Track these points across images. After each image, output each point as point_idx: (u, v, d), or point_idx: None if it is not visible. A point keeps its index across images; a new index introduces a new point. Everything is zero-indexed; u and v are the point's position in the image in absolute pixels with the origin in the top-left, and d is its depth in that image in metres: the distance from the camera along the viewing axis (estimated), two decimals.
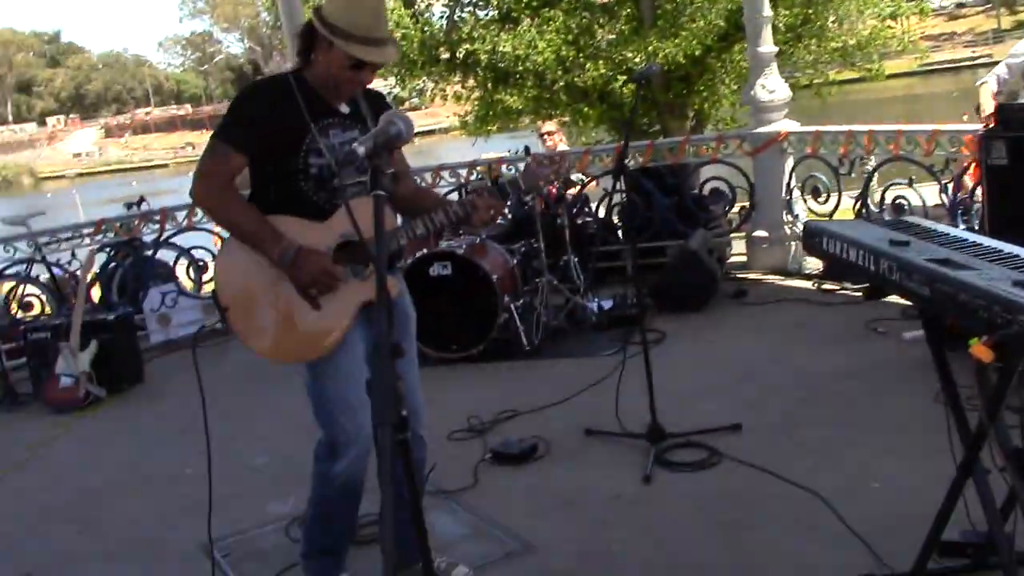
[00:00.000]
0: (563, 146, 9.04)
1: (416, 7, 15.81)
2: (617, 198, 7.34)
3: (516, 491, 4.10)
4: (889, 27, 17.04)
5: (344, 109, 3.04)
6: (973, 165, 5.72)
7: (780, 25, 14.15)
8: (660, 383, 4.32)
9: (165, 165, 65.63)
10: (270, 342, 2.97)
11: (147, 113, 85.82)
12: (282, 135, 2.92)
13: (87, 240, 7.40)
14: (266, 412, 5.37)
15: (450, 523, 3.88)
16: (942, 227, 2.91)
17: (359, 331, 2.99)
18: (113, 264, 7.69)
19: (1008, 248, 2.60)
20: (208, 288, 7.92)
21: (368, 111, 3.06)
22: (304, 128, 2.94)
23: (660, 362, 4.35)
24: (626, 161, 4.21)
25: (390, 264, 3.06)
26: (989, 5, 54.35)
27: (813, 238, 2.94)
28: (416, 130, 2.47)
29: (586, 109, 16.11)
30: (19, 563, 3.96)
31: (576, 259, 6.52)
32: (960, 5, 54.79)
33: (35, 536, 4.27)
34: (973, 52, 50.51)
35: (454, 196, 7.39)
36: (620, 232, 7.59)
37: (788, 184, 7.00)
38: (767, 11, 6.89)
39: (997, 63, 6.80)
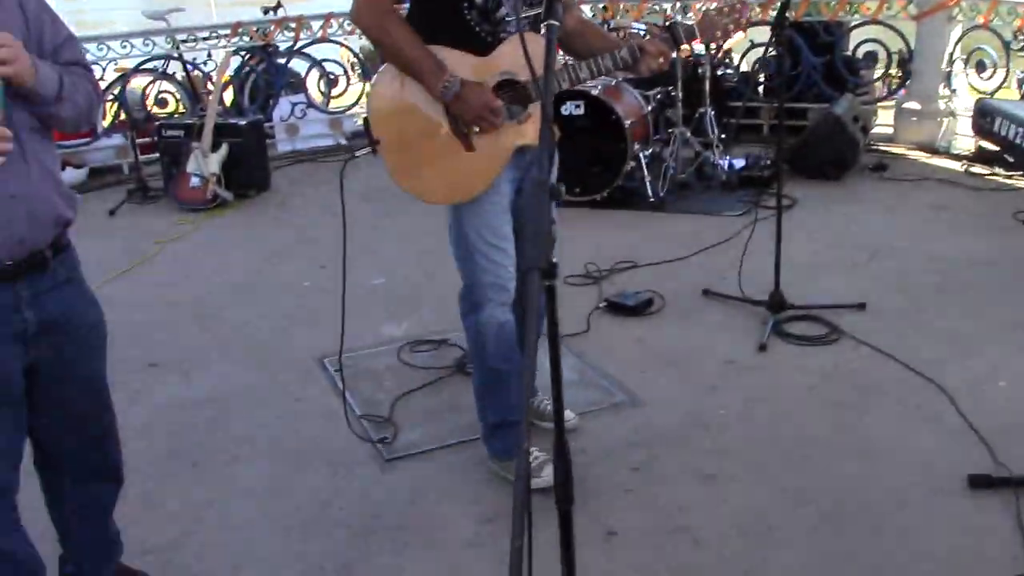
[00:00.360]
0: None
1: None
2: (762, 52, 7.00)
3: (627, 343, 4.07)
4: None
5: None
6: None
7: None
8: (786, 252, 4.16)
9: None
10: (420, 180, 2.83)
11: None
12: None
13: (223, 41, 7.42)
14: (386, 234, 5.41)
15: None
16: None
17: (507, 175, 2.86)
18: (246, 69, 7.73)
19: None
20: (336, 103, 7.93)
21: None
22: None
23: (788, 230, 4.18)
24: (788, 14, 3.93)
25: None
26: None
27: (984, 117, 2.72)
28: None
29: None
30: (147, 353, 4.14)
31: (713, 112, 6.26)
32: None
33: (161, 329, 4.44)
34: None
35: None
36: (761, 88, 7.25)
37: (951, 54, 6.53)
38: None
39: None
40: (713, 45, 7.05)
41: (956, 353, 3.81)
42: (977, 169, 6.03)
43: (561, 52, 3.06)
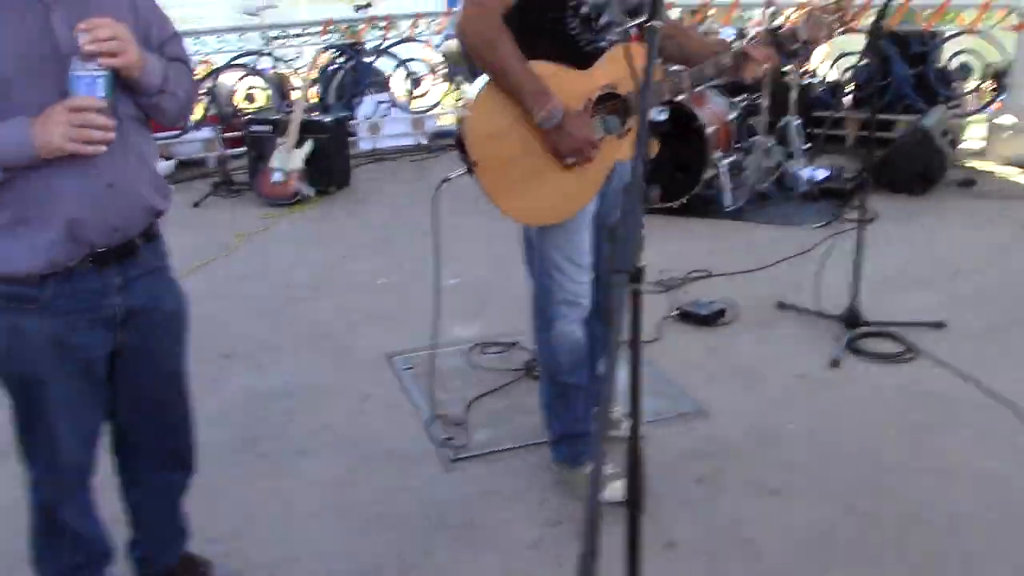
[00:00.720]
0: None
1: None
2: (853, 60, 6.87)
3: (698, 353, 4.04)
4: None
5: None
6: None
7: None
8: (865, 267, 4.09)
9: None
10: (520, 201, 2.74)
11: None
12: None
13: (313, 39, 7.56)
14: (463, 235, 5.43)
15: (626, 374, 3.86)
16: None
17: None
18: (334, 67, 7.86)
19: None
20: (418, 103, 8.02)
21: None
22: None
23: (868, 244, 4.11)
24: (884, 21, 3.83)
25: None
26: None
27: None
28: None
29: None
30: (222, 344, 4.24)
31: (797, 121, 6.17)
32: None
33: (238, 321, 4.55)
34: None
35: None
36: (848, 98, 7.12)
37: None
38: None
39: None
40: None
41: None
42: None
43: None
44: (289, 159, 6.35)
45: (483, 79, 2.70)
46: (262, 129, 6.59)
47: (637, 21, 2.73)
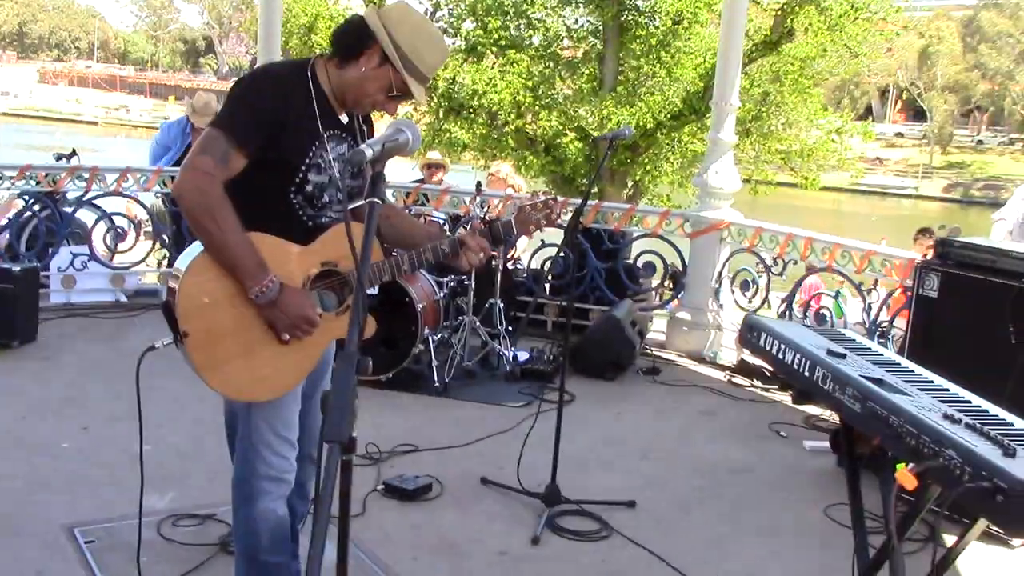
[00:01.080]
0: (510, 189, 9.02)
1: None
2: (552, 251, 7.36)
3: (402, 528, 4.01)
4: (832, 141, 17.63)
5: (343, 119, 2.79)
6: (899, 291, 5.88)
7: None
8: (561, 445, 4.28)
9: (95, 123, 63.92)
10: (230, 376, 2.64)
11: (88, 67, 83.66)
12: (293, 142, 2.63)
13: (7, 183, 7.10)
14: (158, 398, 5.17)
15: (330, 550, 3.73)
16: (877, 346, 2.96)
17: None
18: (28, 214, 7.38)
19: (939, 379, 2.64)
20: (120, 259, 7.67)
21: (356, 125, 2.84)
22: (314, 138, 2.66)
23: (565, 424, 4.32)
24: (580, 218, 4.19)
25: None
26: (925, 140, 56.64)
27: (752, 332, 2.94)
28: None
29: (530, 157, 16.26)
30: None
31: (502, 305, 6.48)
32: (899, 135, 57.03)
33: None
34: (902, 182, 52.59)
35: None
36: (548, 287, 7.58)
37: (720, 273, 7.10)
38: (736, 100, 7.00)
39: (920, 196, 7.15)
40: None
41: (716, 555, 3.98)
42: (739, 380, 6.49)
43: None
44: None
45: (197, 246, 2.63)
46: None
47: (358, 203, 2.72)
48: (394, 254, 2.88)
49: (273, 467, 2.77)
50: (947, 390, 2.55)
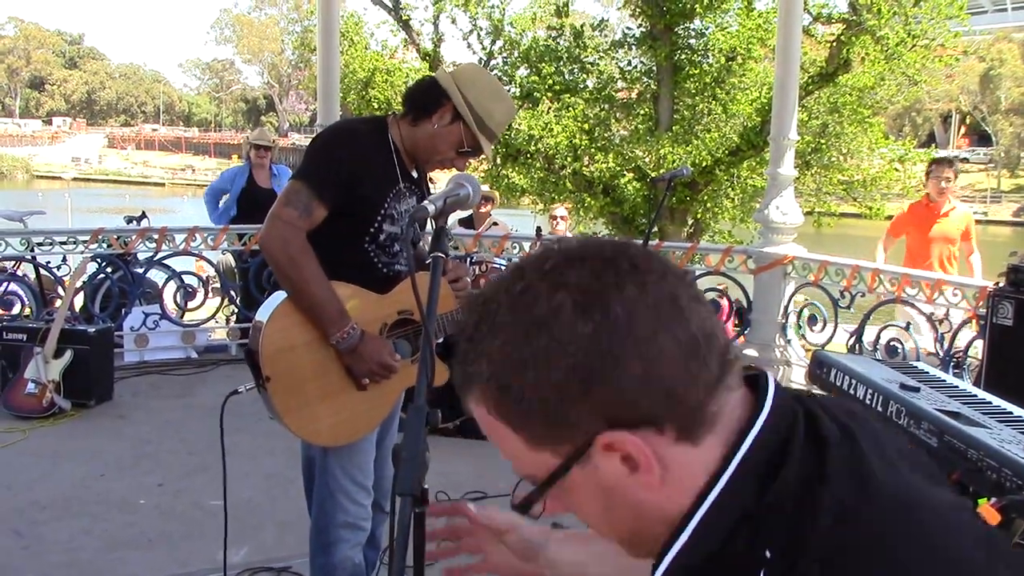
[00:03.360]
0: (568, 232, 9.09)
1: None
2: None
3: None
4: (895, 169, 17.38)
5: (414, 174, 2.90)
6: (974, 320, 5.75)
7: None
8: None
9: (161, 184, 65.76)
10: (310, 420, 2.70)
11: (154, 130, 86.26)
12: (370, 194, 2.74)
13: (81, 247, 7.32)
14: (230, 452, 5.25)
15: None
16: (952, 378, 2.90)
17: None
18: (101, 276, 7.60)
19: (1018, 411, 2.58)
20: (190, 316, 7.84)
21: (424, 180, 2.94)
22: (391, 190, 2.77)
23: None
24: None
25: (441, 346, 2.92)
26: (992, 164, 55.64)
27: (821, 367, 2.92)
28: None
29: (589, 200, 16.28)
30: None
31: None
32: (963, 160, 56.16)
33: None
34: (970, 208, 51.57)
35: None
36: None
37: (786, 308, 7.02)
38: (794, 135, 6.97)
39: (989, 222, 6.98)
40: None
41: None
42: None
43: None
44: (46, 369, 5.97)
45: (279, 295, 2.71)
46: (17, 337, 6.20)
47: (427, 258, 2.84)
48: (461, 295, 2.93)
49: (350, 514, 2.80)
50: None
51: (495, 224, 8.51)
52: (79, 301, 7.44)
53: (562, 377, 0.97)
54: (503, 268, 7.03)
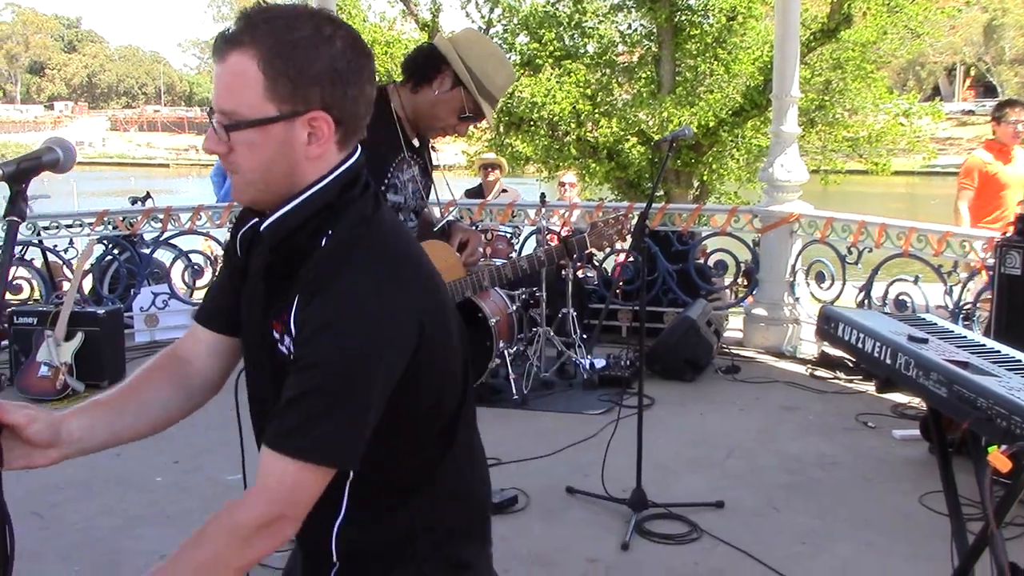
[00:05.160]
0: (577, 198, 9.07)
1: None
2: (621, 258, 7.34)
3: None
4: (900, 124, 17.26)
5: (415, 143, 2.88)
6: (983, 271, 5.73)
7: None
8: (645, 450, 4.26)
9: (166, 165, 65.61)
10: None
11: (156, 111, 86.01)
12: (372, 164, 2.76)
13: (87, 230, 7.33)
14: (247, 426, 5.28)
15: None
16: (960, 329, 2.89)
17: None
18: (108, 257, 7.61)
19: None
20: (199, 295, 7.85)
21: (426, 149, 2.94)
22: (394, 159, 2.76)
23: (647, 428, 4.29)
24: (647, 222, 4.18)
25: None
26: None
27: (829, 323, 2.90)
28: None
29: (594, 165, 16.21)
30: None
31: (574, 313, 6.48)
32: (969, 112, 55.69)
33: None
34: None
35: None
36: (619, 292, 7.55)
37: (793, 266, 7.00)
38: (796, 92, 6.92)
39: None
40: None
41: (810, 551, 3.92)
42: (821, 373, 6.39)
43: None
44: (58, 352, 6.01)
45: None
46: (28, 321, 6.23)
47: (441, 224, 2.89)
48: (474, 271, 2.94)
49: None
50: None
51: (504, 191, 8.48)
52: (87, 284, 7.46)
53: (326, 65, 1.50)
54: (508, 236, 7.05)
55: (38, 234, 7.18)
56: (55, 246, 7.29)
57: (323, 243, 1.53)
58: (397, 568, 1.69)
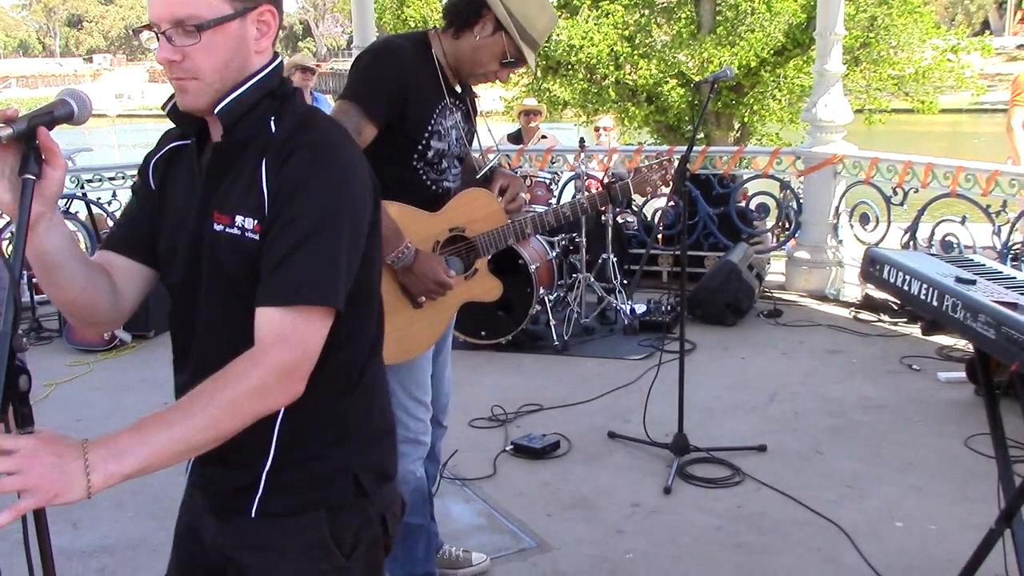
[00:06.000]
0: (615, 143, 8.98)
1: None
2: (662, 202, 7.27)
3: (534, 486, 4.05)
4: (948, 60, 16.83)
5: (458, 89, 2.87)
6: None
7: None
8: (687, 395, 4.25)
9: None
10: None
11: None
12: (417, 111, 2.72)
13: (129, 182, 7.38)
14: None
15: (465, 511, 3.85)
16: (1009, 269, 2.84)
17: None
18: None
19: None
20: None
21: (468, 95, 2.92)
22: (437, 105, 2.75)
23: (688, 373, 4.28)
24: (688, 165, 4.13)
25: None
26: None
27: (874, 265, 2.86)
28: None
29: (633, 109, 16.01)
30: None
31: (614, 259, 6.45)
32: (1021, 46, 54.17)
33: None
34: None
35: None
36: (660, 237, 7.51)
37: (837, 208, 6.90)
38: (840, 29, 6.74)
39: None
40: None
41: (854, 494, 3.90)
42: (865, 316, 6.32)
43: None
44: None
45: None
46: None
47: (484, 171, 2.91)
48: (516, 218, 2.92)
49: (410, 430, 2.84)
50: None
51: (543, 137, 8.42)
52: None
53: None
54: (547, 181, 7.01)
55: (82, 187, 7.26)
56: (99, 199, 7.36)
57: (272, 127, 1.63)
58: (337, 470, 1.71)
